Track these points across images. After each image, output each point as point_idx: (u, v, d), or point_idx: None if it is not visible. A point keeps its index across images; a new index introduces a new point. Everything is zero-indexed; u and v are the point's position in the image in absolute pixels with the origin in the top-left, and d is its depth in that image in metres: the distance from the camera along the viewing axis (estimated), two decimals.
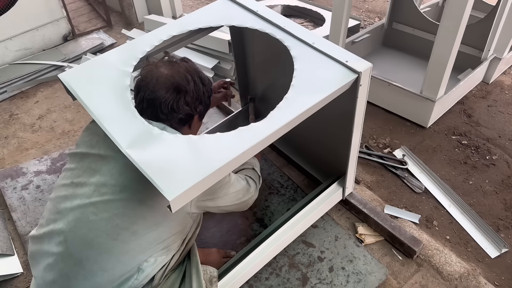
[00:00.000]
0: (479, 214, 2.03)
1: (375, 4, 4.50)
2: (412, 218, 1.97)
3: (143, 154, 1.08)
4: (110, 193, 1.18)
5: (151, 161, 1.06)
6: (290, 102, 1.26)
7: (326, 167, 2.00)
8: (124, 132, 1.15)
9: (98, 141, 1.27)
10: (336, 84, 1.32)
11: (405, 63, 3.14)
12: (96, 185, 1.20)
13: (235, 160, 1.09)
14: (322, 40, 1.48)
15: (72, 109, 2.78)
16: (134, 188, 1.18)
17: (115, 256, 1.18)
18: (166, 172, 1.03)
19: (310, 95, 1.27)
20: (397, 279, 1.68)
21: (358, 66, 1.36)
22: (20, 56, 3.29)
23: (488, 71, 2.99)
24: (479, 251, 1.88)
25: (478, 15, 3.07)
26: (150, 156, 1.08)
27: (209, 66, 2.82)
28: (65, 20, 3.48)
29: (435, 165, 2.32)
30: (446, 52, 2.28)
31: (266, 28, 1.56)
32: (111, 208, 1.17)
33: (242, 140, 1.13)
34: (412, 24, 3.16)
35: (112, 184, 1.19)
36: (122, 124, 1.19)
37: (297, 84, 1.32)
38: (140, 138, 1.13)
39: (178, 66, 1.30)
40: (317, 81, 1.34)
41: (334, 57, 1.40)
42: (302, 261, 1.74)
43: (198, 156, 1.09)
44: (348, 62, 1.38)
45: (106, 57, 1.48)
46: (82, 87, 1.34)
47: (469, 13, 2.14)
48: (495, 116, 2.71)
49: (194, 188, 1.02)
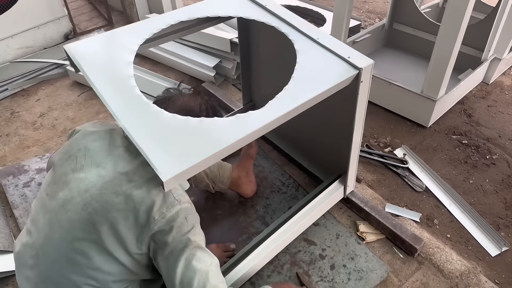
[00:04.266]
0: (479, 213, 2.04)
1: (375, 4, 4.52)
2: (413, 217, 1.98)
3: (140, 130, 1.09)
4: (73, 210, 1.14)
5: (146, 137, 1.06)
6: (289, 93, 1.26)
7: (327, 165, 2.01)
8: (122, 106, 1.16)
9: (77, 152, 1.23)
10: (336, 78, 1.33)
11: (406, 63, 3.16)
12: (63, 200, 1.16)
13: (232, 146, 1.09)
14: (326, 36, 1.50)
15: (73, 107, 2.79)
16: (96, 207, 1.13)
17: (72, 280, 1.14)
18: (161, 150, 1.03)
19: (310, 88, 1.28)
20: (398, 276, 1.69)
21: (360, 62, 1.38)
22: (21, 54, 3.29)
23: (488, 71, 3.01)
24: (480, 250, 1.89)
25: (478, 16, 3.08)
26: (146, 132, 1.08)
27: (210, 65, 2.82)
28: (66, 19, 3.49)
29: (435, 164, 2.33)
30: (447, 53, 2.29)
31: (272, 21, 1.57)
32: (72, 228, 1.13)
33: (239, 126, 1.13)
34: (413, 24, 3.18)
35: (77, 201, 1.14)
36: (122, 98, 1.19)
37: (297, 77, 1.32)
38: (138, 114, 1.14)
39: (199, 97, 1.31)
40: (318, 75, 1.35)
41: (336, 52, 1.42)
42: (303, 258, 1.75)
43: (195, 138, 1.09)
44: (350, 58, 1.39)
45: (113, 34, 1.49)
46: (86, 60, 1.35)
47: (470, 14, 2.16)
48: (495, 116, 2.72)
49: (188, 170, 1.01)
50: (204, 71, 2.87)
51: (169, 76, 2.96)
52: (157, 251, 1.14)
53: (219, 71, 2.89)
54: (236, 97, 2.76)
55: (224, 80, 2.93)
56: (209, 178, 1.83)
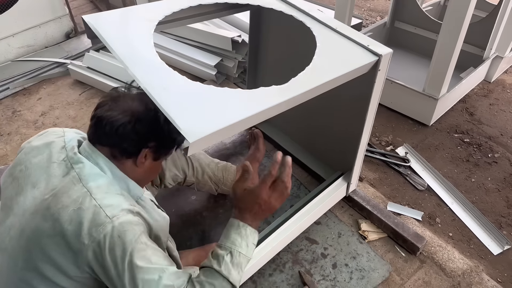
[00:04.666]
0: (481, 211, 2.04)
1: (376, 3, 4.51)
2: (415, 215, 1.98)
3: (162, 95, 1.08)
4: (15, 238, 1.04)
5: (169, 101, 1.05)
6: (312, 72, 1.26)
7: (330, 164, 2.01)
8: (145, 72, 1.16)
9: (19, 173, 1.13)
10: (356, 63, 1.34)
11: (408, 62, 3.15)
12: (9, 227, 1.07)
13: (256, 116, 1.09)
14: (345, 26, 1.52)
15: (75, 106, 2.79)
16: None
17: None
18: (186, 113, 1.03)
19: (331, 69, 1.28)
20: (400, 275, 1.68)
21: (379, 50, 1.40)
22: (22, 53, 3.29)
23: (490, 69, 3.00)
24: (482, 248, 1.89)
25: (480, 14, 3.07)
26: (169, 95, 1.08)
27: (211, 64, 2.82)
28: (67, 18, 3.48)
29: (437, 163, 2.33)
30: (448, 51, 2.28)
31: (290, 11, 1.59)
32: (16, 257, 1.04)
33: (265, 98, 1.14)
34: (415, 22, 3.17)
35: (17, 228, 1.05)
36: (144, 65, 1.20)
37: (318, 60, 1.33)
38: (161, 79, 1.14)
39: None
40: (338, 59, 1.37)
41: (356, 40, 1.44)
42: (305, 257, 1.74)
43: (221, 104, 1.10)
44: (369, 46, 1.41)
45: (132, 10, 1.51)
46: (106, 30, 1.35)
47: (472, 12, 2.15)
48: (497, 114, 2.72)
49: (214, 135, 1.01)
50: (205, 69, 2.86)
51: None
52: (101, 276, 1.01)
53: (221, 69, 2.88)
54: None
55: (226, 79, 2.92)
56: (212, 181, 1.81)
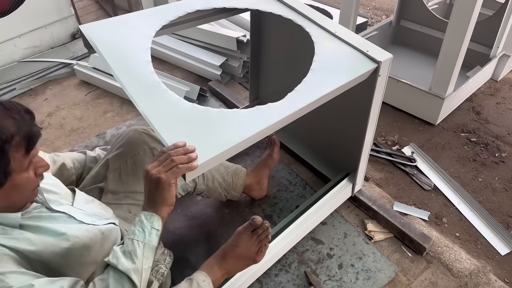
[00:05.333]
0: (488, 211, 2.03)
1: (382, 1, 4.49)
2: (422, 215, 1.97)
3: (159, 118, 1.07)
4: None
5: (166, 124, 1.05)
6: (309, 85, 1.25)
7: (335, 164, 2.00)
8: (141, 92, 1.15)
9: None
10: (355, 72, 1.32)
11: (414, 60, 3.14)
12: None
13: (251, 138, 1.08)
14: (344, 29, 1.51)
15: (81, 106, 2.80)
16: None
17: None
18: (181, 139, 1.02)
19: (329, 81, 1.27)
20: (406, 275, 1.68)
21: (379, 56, 1.38)
22: (28, 54, 3.31)
23: (497, 68, 2.98)
24: (489, 248, 1.88)
25: (487, 12, 3.05)
26: (165, 120, 1.07)
27: (217, 64, 2.82)
28: (73, 18, 3.50)
29: (444, 162, 2.31)
30: (455, 50, 2.27)
31: (289, 14, 1.57)
32: None
33: (260, 118, 1.13)
34: (420, 21, 3.16)
35: None
36: (140, 84, 1.17)
37: (316, 68, 1.31)
38: (157, 101, 1.12)
39: (13, 114, 0.92)
40: (336, 67, 1.34)
41: (355, 45, 1.42)
42: (311, 257, 1.74)
43: (215, 128, 1.09)
44: (369, 51, 1.39)
45: (129, 18, 1.48)
46: (102, 41, 1.33)
47: (479, 10, 2.13)
48: (504, 113, 2.70)
49: (207, 163, 1.01)
50: (210, 69, 2.87)
51: (175, 75, 2.96)
52: None
53: (226, 69, 2.88)
54: (243, 96, 2.75)
55: (231, 79, 2.92)
56: (222, 187, 1.78)
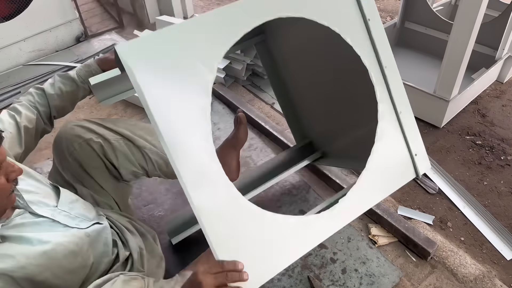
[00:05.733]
0: (494, 215, 2.01)
1: (386, 3, 4.47)
2: (426, 219, 1.95)
3: (208, 212, 0.95)
4: None
5: (215, 223, 0.96)
6: (356, 195, 1.20)
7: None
8: (189, 165, 0.92)
9: None
10: (399, 181, 1.28)
11: (418, 62, 3.12)
12: None
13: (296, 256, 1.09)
14: (408, 110, 1.35)
15: (85, 110, 2.81)
16: None
17: None
18: (232, 248, 0.98)
19: (376, 190, 1.23)
20: (411, 280, 1.66)
21: (421, 166, 1.33)
22: (33, 57, 3.33)
23: (502, 70, 2.95)
24: (495, 253, 1.86)
25: (492, 13, 3.03)
26: (216, 215, 0.96)
27: (220, 66, 2.82)
28: (77, 21, 3.52)
29: (449, 166, 2.29)
30: (460, 51, 2.25)
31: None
32: None
33: (306, 234, 1.11)
34: (425, 23, 3.14)
35: None
36: (189, 149, 0.92)
37: (370, 169, 1.22)
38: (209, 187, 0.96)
39: None
40: (387, 172, 1.27)
41: (409, 143, 1.32)
42: (314, 262, 1.73)
43: (267, 247, 1.06)
44: (417, 156, 1.32)
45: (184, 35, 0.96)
46: (143, 71, 0.90)
47: (484, 11, 2.12)
48: (509, 116, 2.67)
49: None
50: None
51: None
52: None
53: (229, 72, 2.88)
54: (246, 99, 2.75)
55: (234, 82, 2.92)
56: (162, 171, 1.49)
